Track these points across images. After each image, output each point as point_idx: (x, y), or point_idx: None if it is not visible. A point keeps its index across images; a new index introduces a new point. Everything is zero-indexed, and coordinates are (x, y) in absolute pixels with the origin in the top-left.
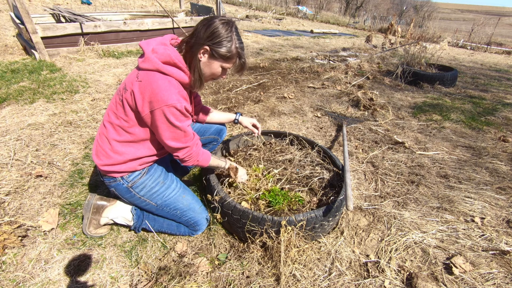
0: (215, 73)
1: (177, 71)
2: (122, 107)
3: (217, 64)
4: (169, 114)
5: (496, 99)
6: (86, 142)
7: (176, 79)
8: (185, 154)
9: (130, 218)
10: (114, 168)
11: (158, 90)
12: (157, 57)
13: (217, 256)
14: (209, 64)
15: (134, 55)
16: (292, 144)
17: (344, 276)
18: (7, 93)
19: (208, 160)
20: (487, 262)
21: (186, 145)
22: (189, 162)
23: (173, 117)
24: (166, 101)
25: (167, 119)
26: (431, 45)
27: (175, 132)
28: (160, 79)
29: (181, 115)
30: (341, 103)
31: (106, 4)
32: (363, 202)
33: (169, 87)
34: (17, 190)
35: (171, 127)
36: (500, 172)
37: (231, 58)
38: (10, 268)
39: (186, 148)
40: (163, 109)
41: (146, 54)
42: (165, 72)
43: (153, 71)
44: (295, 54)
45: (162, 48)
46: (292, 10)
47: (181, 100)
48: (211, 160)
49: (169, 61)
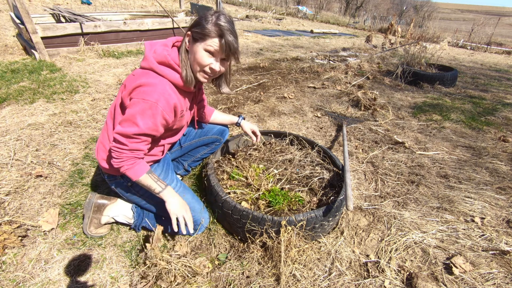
0: (200, 60)
1: (171, 72)
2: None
3: (199, 47)
4: (140, 107)
5: (496, 99)
6: (86, 142)
7: (170, 80)
8: (118, 149)
9: (131, 216)
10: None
11: (144, 84)
12: (154, 56)
13: (217, 256)
14: (192, 49)
15: (134, 55)
16: (292, 144)
17: (344, 276)
18: (7, 93)
19: (139, 176)
20: (487, 262)
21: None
22: (115, 161)
23: (140, 112)
24: (144, 96)
25: (134, 110)
26: (431, 45)
27: (130, 123)
28: (151, 77)
29: (151, 116)
30: (341, 103)
31: (106, 4)
32: (363, 202)
33: (155, 85)
34: (17, 190)
35: (132, 117)
36: (500, 172)
37: (208, 35)
38: (10, 268)
39: (123, 146)
40: (139, 101)
41: (146, 54)
42: (158, 72)
43: (148, 69)
44: (295, 54)
45: (161, 49)
46: (292, 10)
47: (161, 102)
48: (143, 177)
49: (164, 61)
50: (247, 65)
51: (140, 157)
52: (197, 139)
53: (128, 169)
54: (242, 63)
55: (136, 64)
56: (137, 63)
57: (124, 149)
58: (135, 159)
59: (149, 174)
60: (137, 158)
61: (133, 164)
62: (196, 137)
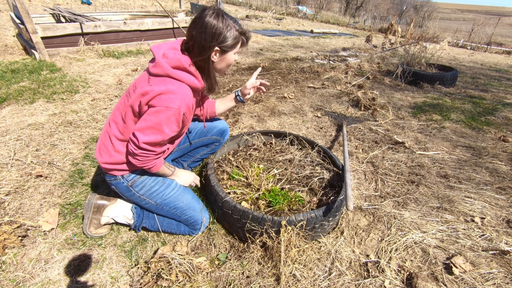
0: (230, 62)
1: (187, 75)
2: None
3: (230, 54)
4: (164, 115)
5: (496, 99)
6: (86, 142)
7: (187, 84)
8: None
9: (131, 216)
10: (115, 167)
11: (166, 92)
12: (167, 62)
13: (217, 256)
14: (223, 59)
15: (134, 55)
16: (292, 144)
17: (344, 276)
18: (7, 93)
19: (159, 169)
20: (487, 262)
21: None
22: (140, 163)
23: (166, 120)
24: (168, 103)
25: (159, 118)
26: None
27: (155, 131)
28: (170, 83)
29: (175, 122)
30: (341, 103)
31: (106, 4)
32: (363, 202)
33: (177, 91)
34: (17, 190)
35: (158, 125)
36: (500, 172)
37: (238, 42)
38: (10, 268)
39: (152, 153)
40: (163, 109)
41: (157, 59)
42: (175, 77)
43: (164, 76)
44: (295, 54)
45: (172, 53)
46: (292, 10)
47: (183, 107)
48: (161, 169)
49: (179, 66)
50: (247, 65)
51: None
52: (197, 139)
53: (152, 167)
54: (242, 63)
55: (136, 64)
56: (137, 63)
57: (152, 154)
58: (158, 159)
59: (164, 164)
60: (159, 158)
61: (156, 162)
62: (196, 138)
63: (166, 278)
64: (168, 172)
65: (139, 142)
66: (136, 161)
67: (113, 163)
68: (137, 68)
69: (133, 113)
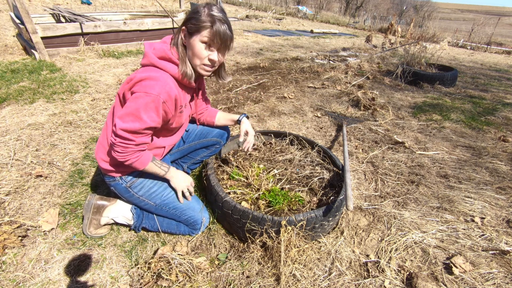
0: (198, 53)
1: (172, 65)
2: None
3: (196, 40)
4: (143, 101)
5: (496, 99)
6: (86, 142)
7: (171, 74)
8: (124, 145)
9: (130, 217)
10: (113, 168)
11: (146, 78)
12: (153, 52)
13: (217, 256)
14: (190, 44)
15: (134, 55)
16: (292, 144)
17: (344, 276)
18: (7, 93)
19: (145, 166)
20: (487, 262)
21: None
22: (120, 155)
23: (144, 106)
24: (147, 89)
25: (137, 104)
26: (431, 45)
27: (134, 117)
28: (152, 70)
29: (154, 109)
30: (341, 103)
31: (106, 4)
32: (363, 202)
33: (157, 78)
34: (17, 190)
35: (136, 111)
36: (500, 172)
37: (202, 26)
38: (10, 268)
39: (130, 141)
40: (141, 94)
41: (145, 51)
42: (159, 67)
43: (149, 66)
44: (295, 54)
45: (160, 45)
46: (292, 10)
47: (163, 95)
48: (149, 166)
49: (164, 56)
50: (247, 65)
51: (144, 149)
52: (197, 141)
53: (134, 162)
54: (242, 63)
55: (136, 64)
56: (137, 63)
57: (130, 144)
58: (140, 152)
59: (153, 161)
60: (142, 151)
61: (139, 157)
62: (196, 139)
63: (166, 278)
64: (160, 172)
65: (116, 128)
66: (116, 154)
67: (111, 164)
68: (137, 68)
69: (120, 103)
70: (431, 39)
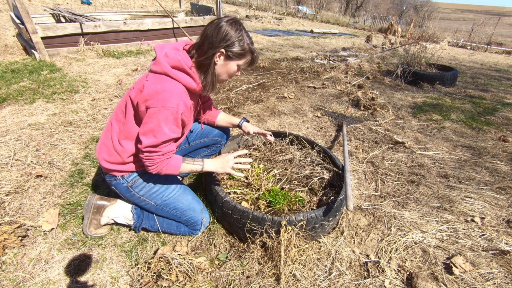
0: (231, 72)
1: (185, 76)
2: (124, 105)
3: (233, 64)
4: (162, 115)
5: (496, 99)
6: (86, 142)
7: (183, 84)
8: (152, 157)
9: (131, 217)
10: (115, 167)
11: (161, 91)
12: (167, 61)
13: (217, 256)
14: (225, 65)
15: (134, 55)
16: (292, 144)
17: (344, 276)
18: (7, 93)
19: (178, 170)
20: (487, 262)
21: (159, 149)
22: (151, 168)
23: (164, 120)
24: (165, 103)
25: (157, 119)
26: (431, 45)
27: (155, 132)
28: (166, 81)
29: (174, 121)
30: (341, 103)
31: (106, 4)
32: (363, 202)
33: (172, 90)
34: (17, 190)
35: (157, 126)
36: (500, 172)
37: (244, 55)
38: (10, 268)
39: (156, 153)
40: (160, 109)
41: (158, 57)
42: (172, 77)
43: (162, 74)
44: (295, 54)
45: (173, 53)
46: (292, 10)
47: (181, 106)
48: (182, 168)
49: (177, 66)
50: None
51: (171, 156)
52: (198, 140)
53: (166, 169)
54: None
55: (136, 64)
56: (137, 63)
57: (157, 155)
58: (168, 159)
59: (184, 162)
60: (169, 158)
61: (168, 163)
62: (197, 139)
63: (166, 278)
64: (196, 167)
65: (142, 146)
66: (148, 169)
67: (113, 163)
68: (137, 68)
69: (134, 109)
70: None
